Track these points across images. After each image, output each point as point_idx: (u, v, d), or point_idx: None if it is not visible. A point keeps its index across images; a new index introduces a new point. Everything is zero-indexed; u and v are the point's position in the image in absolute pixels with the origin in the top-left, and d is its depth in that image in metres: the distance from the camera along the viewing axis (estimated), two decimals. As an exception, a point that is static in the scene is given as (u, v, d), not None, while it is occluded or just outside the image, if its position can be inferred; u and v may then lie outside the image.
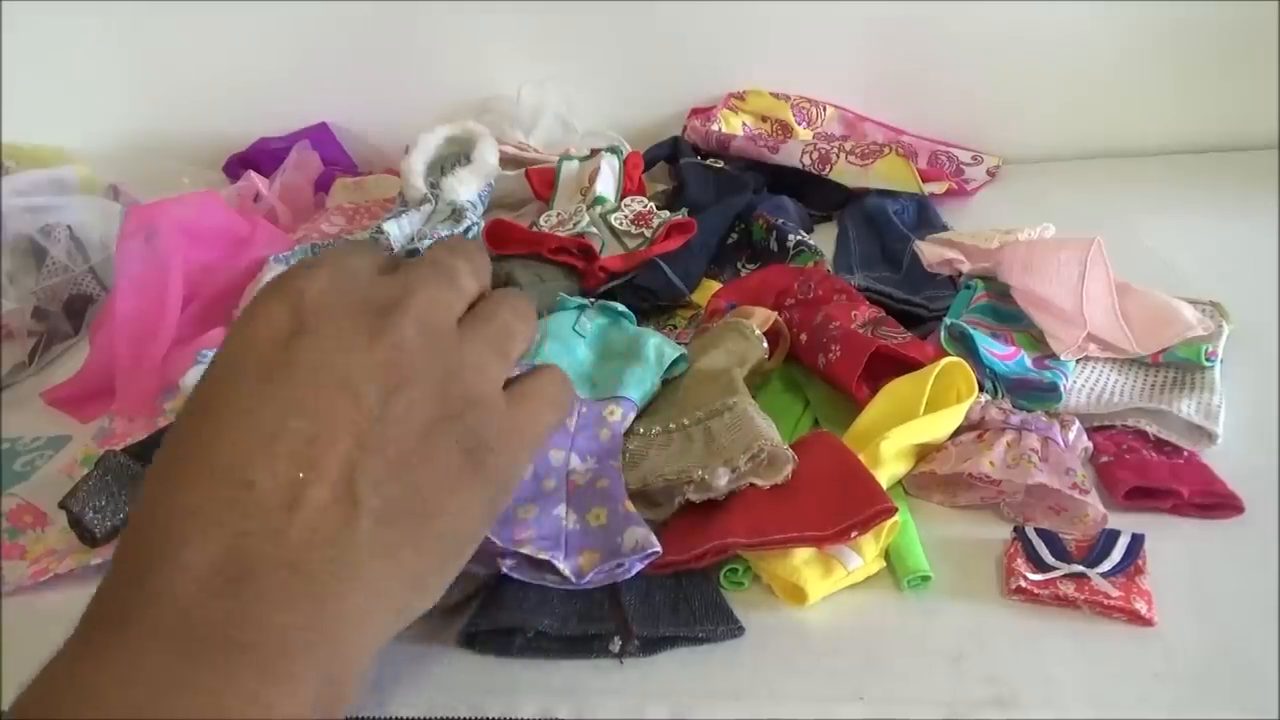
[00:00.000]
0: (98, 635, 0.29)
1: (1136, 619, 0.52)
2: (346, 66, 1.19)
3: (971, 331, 0.70)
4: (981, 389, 0.67)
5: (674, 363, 0.70)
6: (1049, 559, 0.55)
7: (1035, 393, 0.69)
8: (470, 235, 0.87)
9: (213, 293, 0.86)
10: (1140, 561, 0.55)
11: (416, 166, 0.93)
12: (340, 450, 0.32)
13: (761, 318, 0.72)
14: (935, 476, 0.63)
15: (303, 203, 1.11)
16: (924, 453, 0.65)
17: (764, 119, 1.15)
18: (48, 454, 0.78)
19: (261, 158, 1.17)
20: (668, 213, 0.89)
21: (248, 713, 0.27)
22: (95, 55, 1.18)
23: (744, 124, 1.14)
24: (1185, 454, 0.63)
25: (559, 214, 0.90)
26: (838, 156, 1.02)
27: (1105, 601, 0.52)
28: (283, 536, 0.30)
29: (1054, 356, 0.70)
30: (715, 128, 1.10)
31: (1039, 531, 0.57)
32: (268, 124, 1.21)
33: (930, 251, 0.85)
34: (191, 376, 0.69)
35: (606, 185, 0.96)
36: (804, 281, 0.79)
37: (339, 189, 1.11)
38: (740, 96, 1.15)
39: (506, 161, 1.02)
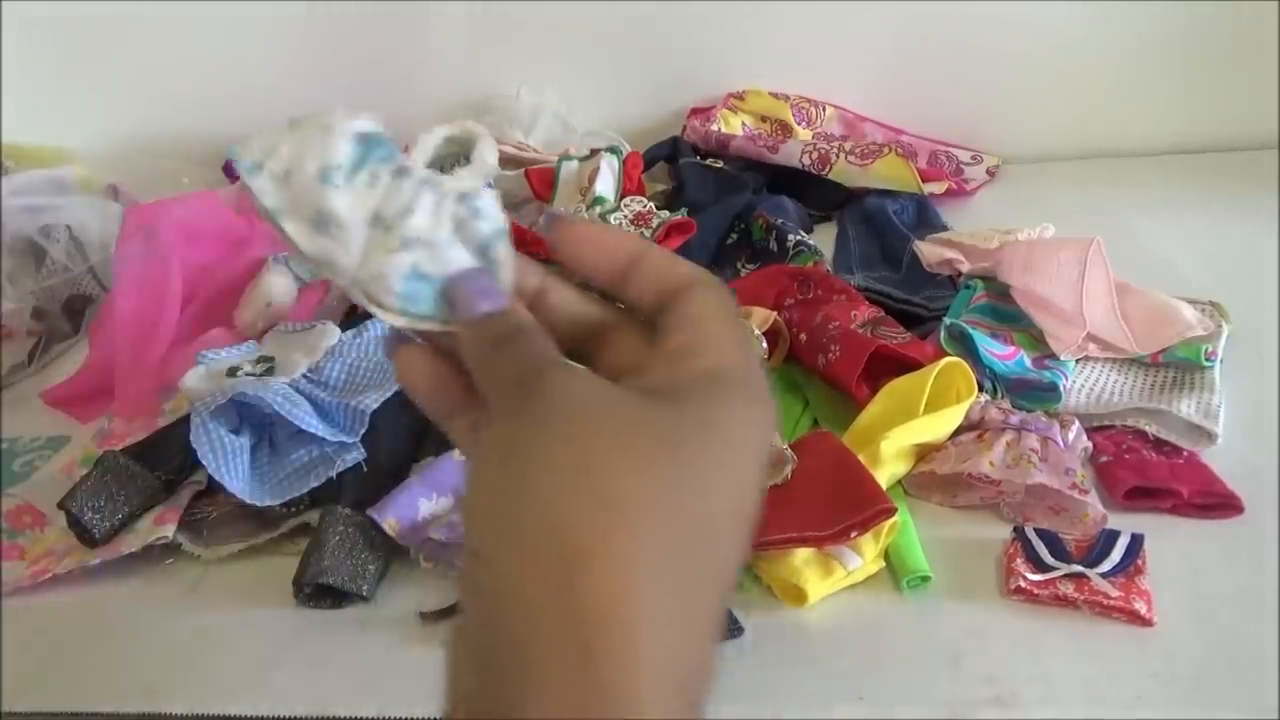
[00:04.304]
0: None
1: (1136, 619, 0.52)
2: (346, 66, 1.19)
3: (971, 331, 0.70)
4: (981, 389, 0.67)
5: (673, 363, 0.70)
6: (1048, 559, 0.55)
7: (1035, 392, 0.69)
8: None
9: (212, 293, 0.86)
10: (1140, 562, 0.55)
11: (416, 166, 0.93)
12: None
13: (761, 318, 0.72)
14: (935, 476, 0.63)
15: (302, 203, 1.11)
16: (924, 453, 0.65)
17: (763, 119, 1.15)
18: (47, 454, 0.78)
19: (261, 158, 1.17)
20: (667, 213, 0.89)
21: None
22: (94, 56, 1.18)
23: (743, 124, 1.14)
24: (1185, 454, 0.63)
25: (558, 214, 0.90)
26: (837, 156, 1.02)
27: (1104, 601, 0.52)
28: None
29: (1053, 356, 0.70)
30: (715, 128, 1.10)
31: (1038, 531, 0.57)
32: (267, 124, 1.20)
33: (930, 251, 0.84)
34: (191, 377, 0.69)
35: (606, 185, 0.96)
36: (803, 282, 0.79)
37: (338, 189, 1.11)
38: (740, 96, 1.15)
39: (506, 161, 1.02)
